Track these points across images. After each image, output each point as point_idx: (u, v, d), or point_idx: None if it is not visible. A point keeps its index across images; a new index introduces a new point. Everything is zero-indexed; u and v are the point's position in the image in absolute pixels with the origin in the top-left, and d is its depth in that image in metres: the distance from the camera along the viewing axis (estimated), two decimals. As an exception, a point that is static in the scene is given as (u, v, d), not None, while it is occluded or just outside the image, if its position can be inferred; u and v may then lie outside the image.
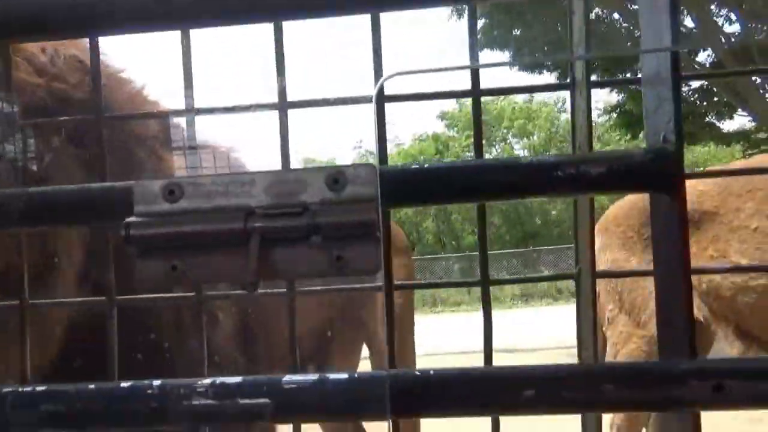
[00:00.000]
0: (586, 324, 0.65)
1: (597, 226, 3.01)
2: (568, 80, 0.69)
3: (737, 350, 2.42)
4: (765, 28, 9.69)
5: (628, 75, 12.28)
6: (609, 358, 2.91)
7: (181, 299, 0.79)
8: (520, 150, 31.15)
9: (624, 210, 2.68)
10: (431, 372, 0.41)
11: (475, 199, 0.43)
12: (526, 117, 31.16)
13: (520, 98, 32.48)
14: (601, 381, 0.39)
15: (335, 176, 0.38)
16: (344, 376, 0.41)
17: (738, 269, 1.83)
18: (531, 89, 0.70)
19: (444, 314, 14.88)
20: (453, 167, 0.42)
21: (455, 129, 32.77)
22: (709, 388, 0.38)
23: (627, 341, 2.72)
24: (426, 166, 0.42)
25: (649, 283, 2.64)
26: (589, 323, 0.65)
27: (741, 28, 10.14)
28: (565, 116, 31.46)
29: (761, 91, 10.01)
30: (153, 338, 0.98)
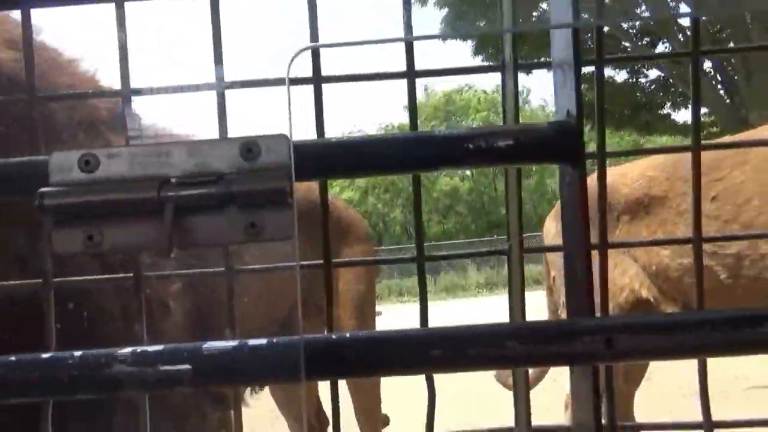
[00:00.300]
0: (516, 298, 0.68)
1: (553, 213, 3.08)
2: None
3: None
4: (716, 20, 10.01)
5: (590, 67, 12.53)
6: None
7: (123, 284, 0.79)
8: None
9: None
10: (347, 336, 0.43)
11: (390, 172, 0.45)
12: (489, 108, 31.49)
13: (488, 88, 32.78)
14: (504, 339, 0.42)
15: (249, 146, 0.39)
16: (262, 341, 0.42)
17: (651, 243, 1.89)
18: (464, 71, 0.72)
19: (410, 303, 14.98)
20: (367, 141, 0.44)
21: (421, 119, 32.85)
22: (602, 342, 0.41)
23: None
24: (340, 139, 0.43)
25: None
26: (518, 297, 0.68)
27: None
28: (528, 107, 31.94)
29: (714, 83, 10.35)
30: (93, 326, 0.98)
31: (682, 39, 10.06)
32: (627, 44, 10.76)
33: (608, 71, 13.56)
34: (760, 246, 1.84)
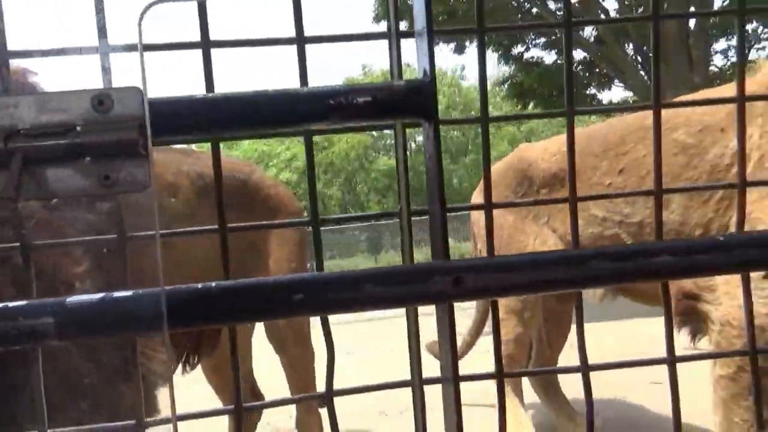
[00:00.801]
0: (407, 258, 0.72)
1: (479, 189, 3.18)
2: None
3: (598, 294, 2.68)
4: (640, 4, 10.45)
5: (520, 49, 12.84)
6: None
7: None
8: (423, 120, 31.66)
9: (501, 172, 2.85)
10: (211, 285, 0.44)
11: (251, 130, 0.46)
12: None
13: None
14: (362, 282, 0.44)
15: (100, 98, 0.40)
16: (127, 293, 0.43)
17: (616, 195, 2.00)
18: (354, 37, 0.74)
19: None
20: (226, 98, 0.45)
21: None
22: (450, 281, 0.44)
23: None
24: (197, 96, 0.44)
25: (512, 229, 2.81)
26: (407, 257, 0.71)
27: (618, 4, 10.86)
28: (465, 83, 32.34)
29: (636, 65, 10.83)
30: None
31: (603, 17, 10.44)
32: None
33: (537, 52, 13.92)
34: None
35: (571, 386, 3.11)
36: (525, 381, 3.28)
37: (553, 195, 2.51)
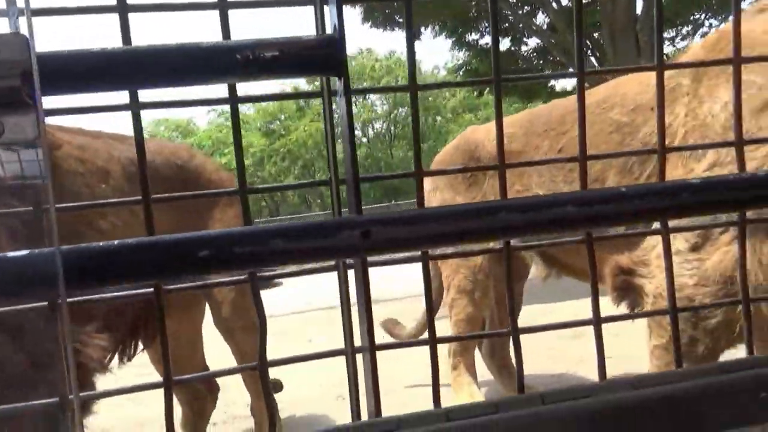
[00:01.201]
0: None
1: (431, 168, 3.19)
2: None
3: (545, 272, 2.74)
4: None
5: (474, 36, 12.94)
6: (444, 288, 3.16)
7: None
8: (380, 105, 31.74)
9: (449, 153, 2.88)
10: (113, 243, 0.43)
11: (151, 84, 0.44)
12: (387, 74, 31.64)
13: (381, 54, 32.82)
14: (269, 237, 0.44)
15: (-20, 45, 0.38)
16: (21, 252, 0.42)
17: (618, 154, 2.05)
18: (277, 3, 0.72)
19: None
20: (123, 52, 0.43)
21: (315, 85, 32.48)
22: (358, 235, 0.44)
23: (456, 272, 2.96)
24: (93, 49, 0.42)
25: None
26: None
27: (569, -8, 11.04)
28: (425, 69, 32.41)
29: (586, 51, 11.06)
30: None
31: (555, 7, 10.62)
32: (508, 12, 11.20)
33: (490, 38, 14.02)
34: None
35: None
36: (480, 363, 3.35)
37: (497, 175, 2.55)
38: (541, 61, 13.42)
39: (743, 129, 1.53)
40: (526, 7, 11.98)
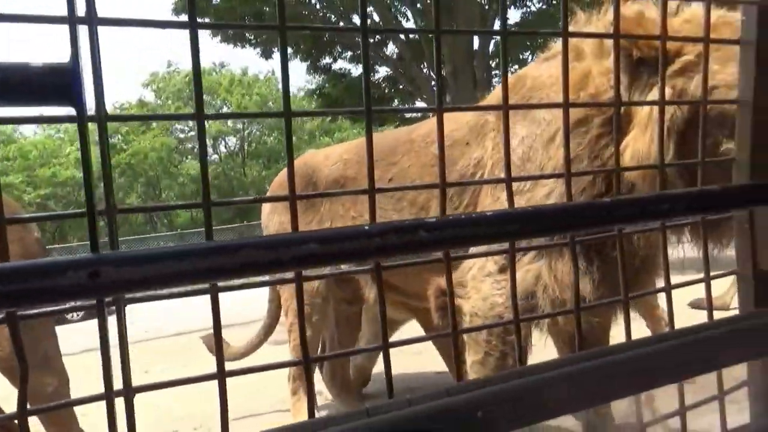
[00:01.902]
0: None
1: (268, 192, 3.16)
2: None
3: (373, 296, 2.82)
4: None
5: (328, 60, 13.18)
6: (284, 313, 3.12)
7: None
8: (231, 120, 30.83)
9: (285, 178, 2.88)
10: None
11: None
12: (243, 92, 30.88)
13: (236, 71, 32.02)
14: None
15: None
16: None
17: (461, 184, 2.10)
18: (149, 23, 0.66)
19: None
20: None
21: (163, 96, 30.81)
22: (85, 276, 0.42)
23: (294, 297, 2.93)
24: None
25: None
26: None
27: (416, 24, 11.77)
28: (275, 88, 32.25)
29: (430, 82, 11.80)
30: None
31: (403, 38, 11.23)
32: (358, 39, 11.56)
33: (344, 64, 14.37)
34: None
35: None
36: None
37: (335, 200, 2.60)
38: (392, 90, 14.03)
39: (537, 161, 1.73)
40: (377, 37, 12.49)
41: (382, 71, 13.73)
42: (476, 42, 10.64)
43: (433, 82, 11.80)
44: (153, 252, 0.44)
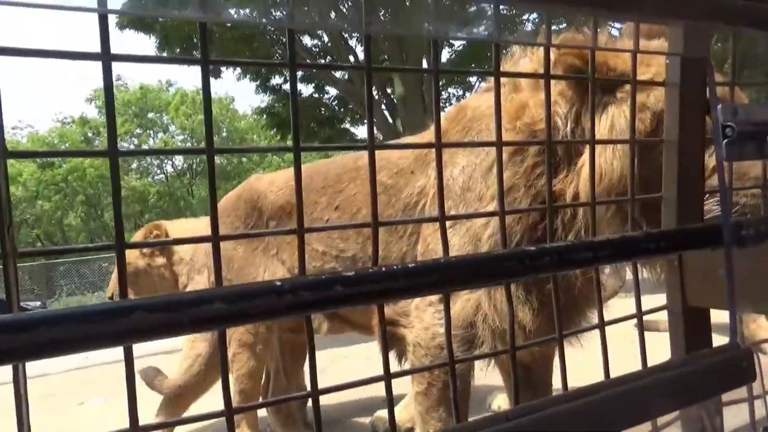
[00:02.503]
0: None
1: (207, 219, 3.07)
2: None
3: (325, 327, 2.75)
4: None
5: (278, 80, 13.11)
6: (227, 345, 3.01)
7: None
8: (180, 139, 30.13)
9: (231, 201, 2.80)
10: None
11: None
12: (194, 111, 30.29)
13: (188, 89, 31.44)
14: None
15: None
16: None
17: (415, 221, 2.05)
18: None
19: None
20: None
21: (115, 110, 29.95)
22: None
23: (237, 327, 2.85)
24: None
25: (242, 261, 2.77)
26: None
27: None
28: (233, 105, 31.88)
29: (381, 106, 11.91)
30: None
31: (352, 60, 11.31)
32: (309, 61, 11.57)
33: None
34: (368, 248, 2.13)
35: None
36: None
37: (280, 227, 2.54)
38: (342, 110, 14.06)
39: (477, 190, 1.74)
40: (329, 57, 12.52)
41: (333, 91, 13.77)
42: (425, 65, 10.83)
43: (383, 105, 11.91)
44: (27, 317, 0.39)
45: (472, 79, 13.53)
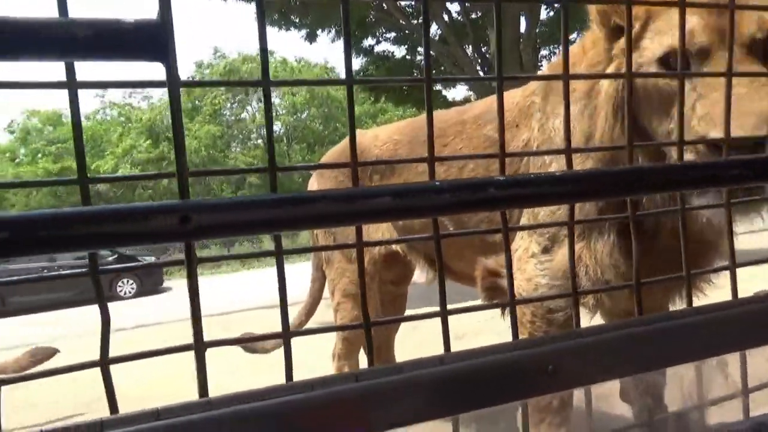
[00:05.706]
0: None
1: (315, 173, 3.20)
2: None
3: (431, 276, 2.82)
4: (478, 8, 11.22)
5: (371, 41, 13.12)
6: (329, 292, 3.17)
7: None
8: (280, 105, 31.17)
9: (335, 157, 2.91)
10: None
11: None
12: (292, 76, 31.16)
13: (288, 57, 32.21)
14: (73, 222, 0.43)
15: None
16: None
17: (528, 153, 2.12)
18: None
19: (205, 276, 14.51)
20: None
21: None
22: (177, 220, 0.44)
23: (342, 276, 2.98)
24: None
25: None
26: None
27: (460, 6, 11.59)
28: (331, 74, 32.37)
29: (475, 64, 11.64)
30: None
31: (447, 20, 11.08)
32: (403, 22, 11.51)
33: (388, 46, 14.28)
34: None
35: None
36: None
37: (384, 180, 2.61)
38: (433, 71, 13.84)
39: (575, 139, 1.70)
40: (420, 18, 12.34)
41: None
42: (523, 25, 10.41)
43: (478, 65, 11.63)
44: (239, 200, 0.46)
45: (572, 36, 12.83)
